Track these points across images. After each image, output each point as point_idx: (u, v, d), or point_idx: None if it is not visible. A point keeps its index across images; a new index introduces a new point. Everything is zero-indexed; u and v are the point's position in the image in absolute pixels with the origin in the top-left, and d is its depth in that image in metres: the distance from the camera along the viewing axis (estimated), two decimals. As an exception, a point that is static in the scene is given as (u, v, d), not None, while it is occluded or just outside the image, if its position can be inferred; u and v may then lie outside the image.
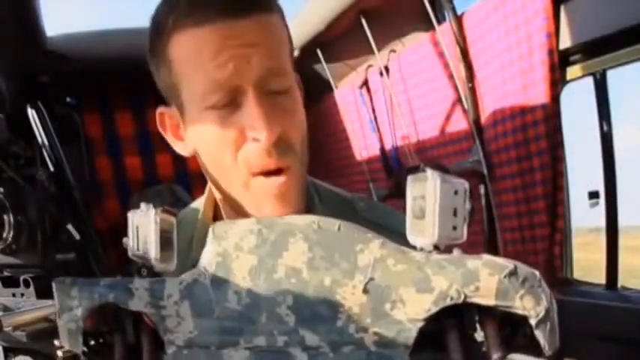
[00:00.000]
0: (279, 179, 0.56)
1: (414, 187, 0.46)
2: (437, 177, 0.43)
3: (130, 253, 0.51)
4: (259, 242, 0.47)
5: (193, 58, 0.56)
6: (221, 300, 0.46)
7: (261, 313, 0.45)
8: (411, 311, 0.43)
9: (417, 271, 0.44)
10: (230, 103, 0.55)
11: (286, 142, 0.56)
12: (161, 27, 0.58)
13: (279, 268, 0.46)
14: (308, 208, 0.62)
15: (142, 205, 0.52)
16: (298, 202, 0.58)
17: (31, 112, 2.09)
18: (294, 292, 0.44)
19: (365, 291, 0.44)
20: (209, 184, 0.67)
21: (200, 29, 0.55)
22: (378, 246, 0.44)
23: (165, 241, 0.50)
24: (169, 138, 0.65)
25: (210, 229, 0.50)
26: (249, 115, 0.54)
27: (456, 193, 0.43)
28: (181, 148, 0.65)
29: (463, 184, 0.44)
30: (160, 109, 0.64)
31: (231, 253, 0.47)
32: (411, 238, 0.46)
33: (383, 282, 0.44)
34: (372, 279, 0.44)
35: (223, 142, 0.56)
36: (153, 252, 0.49)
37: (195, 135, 0.60)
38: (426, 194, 0.43)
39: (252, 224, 0.49)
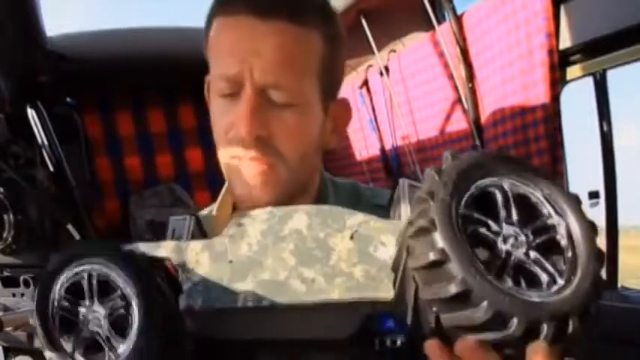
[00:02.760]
0: (260, 167, 0.62)
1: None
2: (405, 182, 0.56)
3: None
4: (270, 216, 0.56)
5: (217, 44, 0.62)
6: (235, 249, 0.55)
7: (268, 257, 0.54)
8: (392, 251, 0.51)
9: (395, 226, 0.52)
10: (233, 95, 0.61)
11: (271, 147, 0.61)
12: (211, 7, 0.64)
13: (285, 229, 0.55)
14: (324, 201, 0.70)
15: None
16: (285, 198, 0.63)
17: (31, 112, 2.09)
18: (296, 242, 0.54)
19: (351, 238, 0.53)
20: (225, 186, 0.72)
21: (229, 20, 0.60)
22: (362, 215, 0.54)
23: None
24: (207, 99, 0.70)
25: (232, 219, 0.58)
26: (239, 110, 0.60)
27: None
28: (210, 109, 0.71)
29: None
30: (207, 78, 0.68)
31: (247, 223, 0.57)
32: None
33: (366, 232, 0.53)
34: (357, 231, 0.53)
35: (218, 126, 0.64)
36: None
37: (212, 112, 0.66)
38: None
39: (265, 210, 0.57)
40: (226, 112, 0.62)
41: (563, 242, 0.42)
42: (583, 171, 1.95)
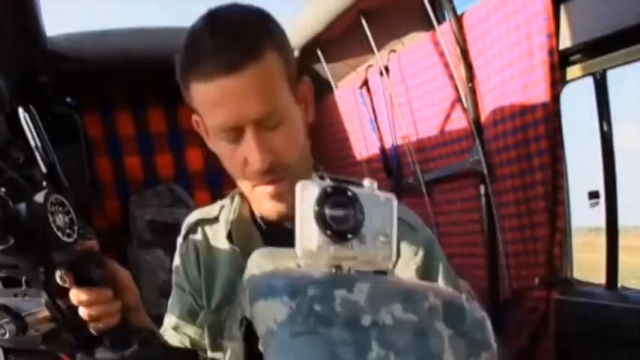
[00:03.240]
0: (274, 186, 0.73)
1: None
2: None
3: None
4: None
5: (206, 104, 0.71)
6: None
7: None
8: None
9: None
10: (235, 139, 0.71)
11: (280, 164, 0.71)
12: (182, 71, 0.72)
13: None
14: None
15: None
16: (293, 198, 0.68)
17: (23, 114, 2.09)
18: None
19: None
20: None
21: (206, 84, 0.68)
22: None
23: None
24: (204, 136, 0.80)
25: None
26: (246, 149, 0.70)
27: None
28: (210, 146, 0.80)
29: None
30: (194, 117, 0.79)
31: None
32: None
33: None
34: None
35: (232, 165, 0.74)
36: None
37: (215, 150, 0.77)
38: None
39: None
40: (235, 152, 0.72)
41: None
42: (583, 171, 1.95)
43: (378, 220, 0.48)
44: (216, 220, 0.86)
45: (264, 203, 0.75)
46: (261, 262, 0.56)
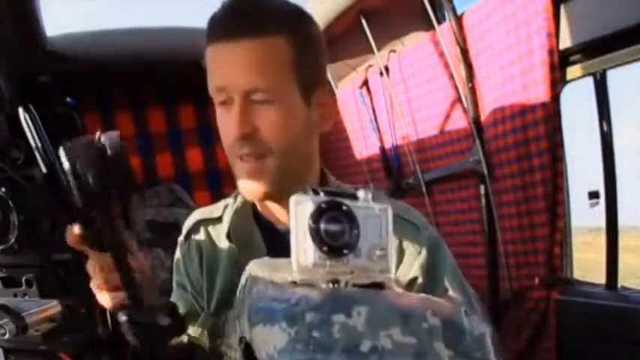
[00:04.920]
0: (252, 163, 0.75)
1: None
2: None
3: None
4: None
5: (209, 65, 0.76)
6: None
7: None
8: None
9: None
10: (228, 102, 0.74)
11: (259, 141, 0.73)
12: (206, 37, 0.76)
13: None
14: None
15: None
16: (277, 187, 0.75)
17: (26, 113, 2.09)
18: None
19: None
20: None
21: (214, 45, 0.74)
22: None
23: None
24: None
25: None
26: (231, 115, 0.73)
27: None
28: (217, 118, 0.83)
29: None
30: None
31: None
32: None
33: None
34: None
35: (222, 133, 0.77)
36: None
37: (217, 119, 0.79)
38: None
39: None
40: (224, 118, 0.76)
41: None
42: (583, 171, 1.95)
43: (374, 234, 0.48)
44: (219, 220, 0.86)
45: (242, 181, 0.77)
46: (257, 273, 0.56)
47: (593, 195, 1.62)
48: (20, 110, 2.06)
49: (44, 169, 2.04)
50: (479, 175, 1.90)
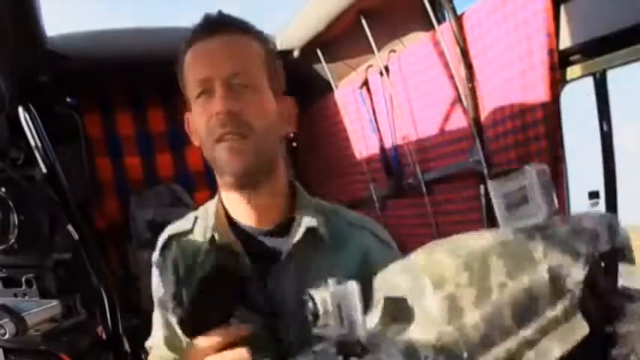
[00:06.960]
0: (235, 141, 0.80)
1: (505, 186, 0.53)
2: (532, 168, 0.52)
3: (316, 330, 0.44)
4: None
5: (188, 65, 0.84)
6: None
7: None
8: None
9: None
10: (208, 93, 0.81)
11: (242, 121, 0.80)
12: (180, 48, 0.86)
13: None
14: (298, 197, 0.90)
15: (330, 281, 0.44)
16: (256, 165, 0.81)
17: (26, 113, 2.09)
18: None
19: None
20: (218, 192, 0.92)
21: (195, 45, 0.83)
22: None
23: None
24: (190, 134, 0.90)
25: None
26: (215, 100, 0.80)
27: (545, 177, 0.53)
28: (194, 139, 0.89)
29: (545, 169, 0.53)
30: (186, 114, 0.90)
31: None
32: (513, 224, 0.52)
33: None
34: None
35: (202, 123, 0.82)
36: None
37: (194, 120, 0.86)
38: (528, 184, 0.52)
39: None
40: (205, 108, 0.81)
41: None
42: (583, 171, 1.95)
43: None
44: (190, 232, 0.91)
45: (224, 159, 0.81)
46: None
47: (593, 195, 1.62)
48: (20, 110, 2.07)
49: (44, 169, 2.05)
50: (479, 175, 1.90)
